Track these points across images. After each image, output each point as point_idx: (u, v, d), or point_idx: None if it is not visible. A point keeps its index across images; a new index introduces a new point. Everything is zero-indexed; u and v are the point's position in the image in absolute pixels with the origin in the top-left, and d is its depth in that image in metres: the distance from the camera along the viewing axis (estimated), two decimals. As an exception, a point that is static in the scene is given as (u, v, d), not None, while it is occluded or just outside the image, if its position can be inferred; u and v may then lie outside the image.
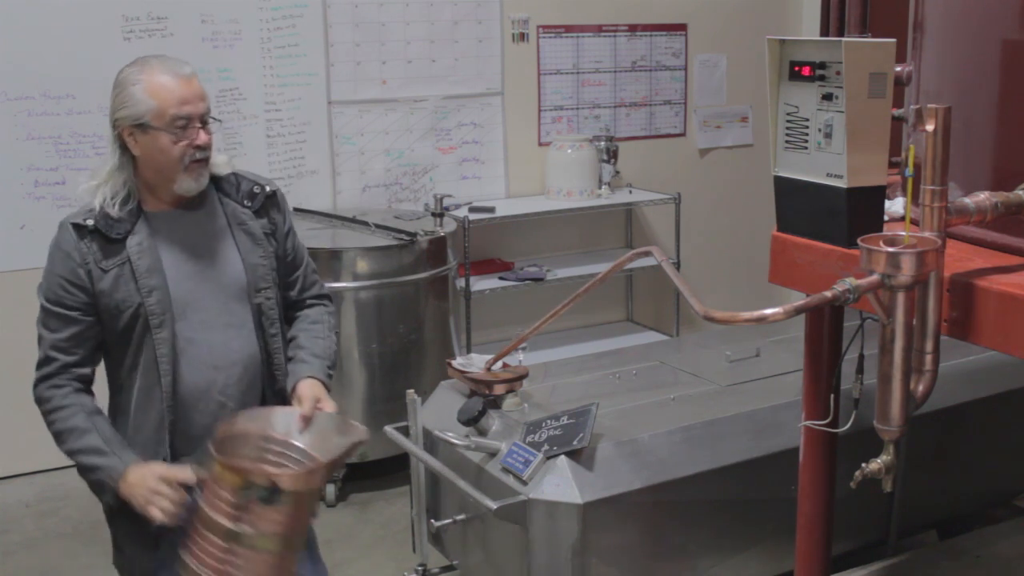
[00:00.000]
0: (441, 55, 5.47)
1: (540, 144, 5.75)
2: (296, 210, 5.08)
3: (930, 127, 2.04)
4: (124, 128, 2.37)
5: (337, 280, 4.45)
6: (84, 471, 2.41)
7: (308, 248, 4.43)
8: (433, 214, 4.82)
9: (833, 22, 3.10)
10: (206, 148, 2.44)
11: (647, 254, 2.67)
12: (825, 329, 2.70)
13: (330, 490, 4.46)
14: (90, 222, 2.39)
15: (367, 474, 4.62)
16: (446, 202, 4.92)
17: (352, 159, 5.32)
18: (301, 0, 5.11)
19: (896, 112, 2.45)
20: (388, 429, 3.53)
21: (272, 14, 5.05)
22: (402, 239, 4.55)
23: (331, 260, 4.47)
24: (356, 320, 4.49)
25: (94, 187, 2.42)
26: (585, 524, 2.92)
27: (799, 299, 2.11)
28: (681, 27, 6.05)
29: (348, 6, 5.21)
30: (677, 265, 5.82)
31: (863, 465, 2.15)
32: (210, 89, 4.88)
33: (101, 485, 2.39)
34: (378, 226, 4.71)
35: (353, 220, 4.86)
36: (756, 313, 1.95)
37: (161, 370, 2.42)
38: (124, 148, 2.40)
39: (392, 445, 3.59)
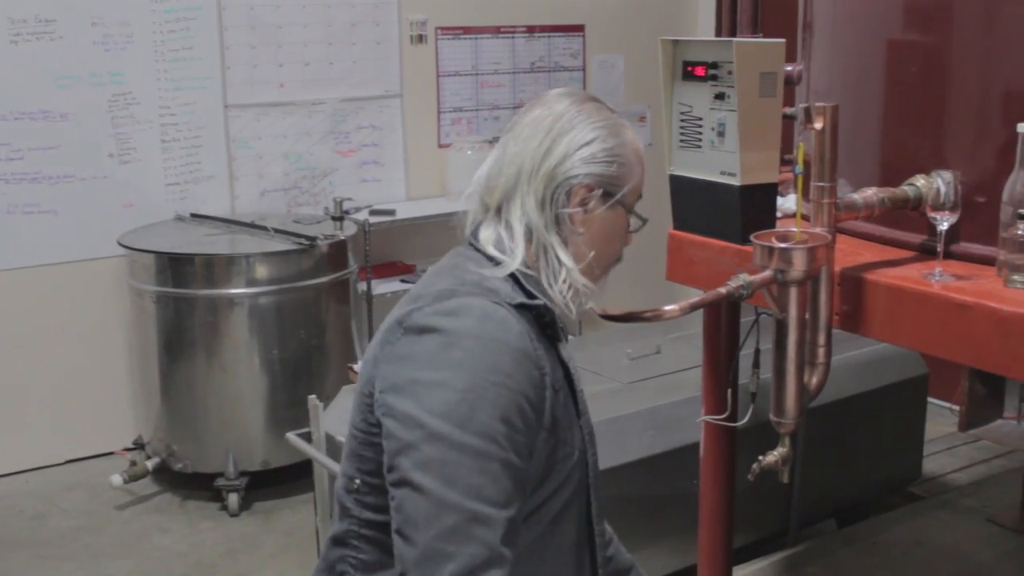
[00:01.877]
0: (339, 57, 5.42)
1: (440, 146, 5.74)
2: (193, 216, 5.01)
3: (819, 125, 2.09)
4: (581, 188, 1.65)
5: (236, 286, 4.39)
6: None
7: (206, 254, 4.42)
8: (333, 218, 4.78)
9: (726, 23, 3.15)
10: None
11: (546, 254, 2.67)
12: (722, 325, 2.75)
13: (233, 500, 4.39)
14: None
15: (270, 482, 4.57)
16: (346, 205, 4.88)
17: (250, 163, 5.26)
18: (195, 2, 5.03)
19: (787, 111, 2.49)
20: (290, 436, 3.50)
21: (165, 16, 4.96)
22: (302, 243, 4.50)
23: (229, 266, 4.40)
24: (256, 326, 4.43)
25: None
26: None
27: (698, 296, 2.14)
28: (579, 28, 6.10)
29: (243, 8, 5.14)
30: (579, 265, 5.85)
31: (760, 458, 2.18)
32: (102, 94, 4.87)
33: None
34: (277, 231, 4.65)
35: (252, 225, 4.80)
36: (653, 310, 1.96)
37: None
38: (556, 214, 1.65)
39: (295, 452, 3.56)
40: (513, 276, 1.62)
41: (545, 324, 1.62)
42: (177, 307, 4.42)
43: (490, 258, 1.64)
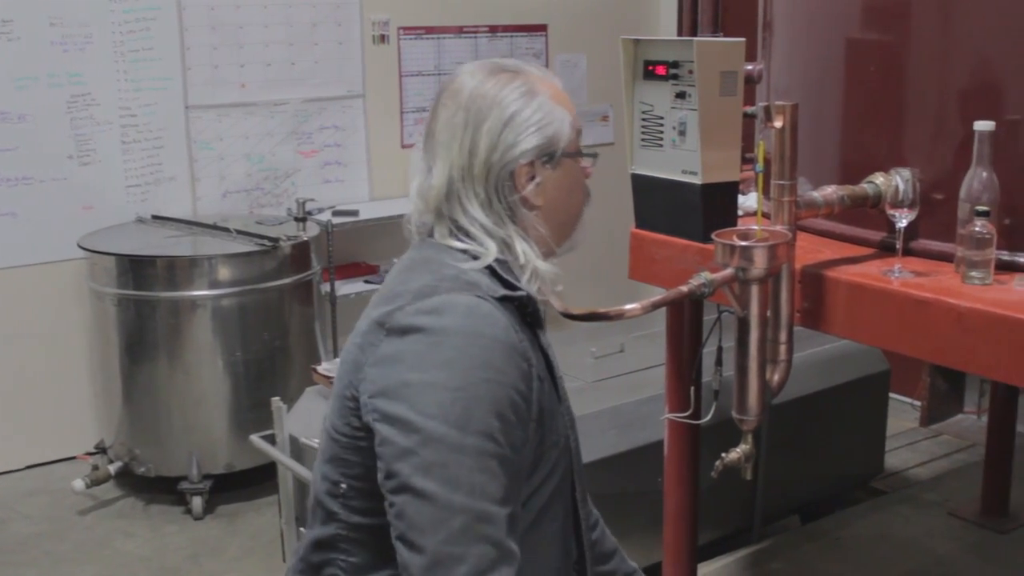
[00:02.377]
0: (301, 58, 5.40)
1: (403, 146, 5.73)
2: (154, 218, 4.97)
3: (778, 124, 2.10)
4: (522, 169, 1.60)
5: (198, 288, 4.36)
6: None
7: (167, 256, 4.39)
8: (296, 219, 4.76)
9: (687, 22, 3.16)
10: None
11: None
12: (685, 323, 2.76)
13: (196, 503, 4.36)
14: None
15: (234, 485, 4.54)
16: (309, 206, 4.86)
17: (211, 164, 5.22)
18: (154, 3, 4.99)
19: (748, 109, 2.51)
20: (254, 438, 3.48)
21: (124, 17, 4.92)
22: (264, 245, 4.48)
23: (191, 268, 4.37)
24: (219, 328, 4.40)
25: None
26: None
27: (660, 295, 2.15)
28: (541, 27, 6.10)
29: (204, 8, 5.10)
30: (543, 264, 5.86)
31: (723, 455, 2.20)
32: (61, 95, 4.83)
33: None
34: (239, 232, 4.63)
35: (214, 227, 4.76)
36: (615, 309, 1.97)
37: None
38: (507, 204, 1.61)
39: (259, 454, 3.54)
40: (490, 267, 1.58)
41: (527, 314, 1.60)
42: (139, 310, 4.38)
43: (462, 251, 1.60)
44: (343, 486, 1.58)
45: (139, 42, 4.97)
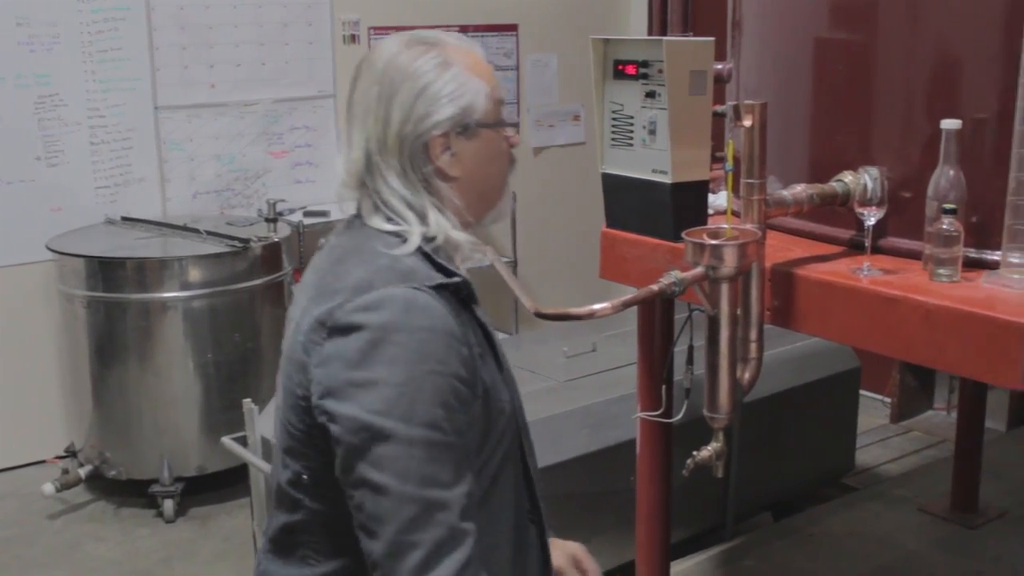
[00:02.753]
0: (271, 58, 5.38)
1: (375, 146, 5.71)
2: (124, 219, 4.94)
3: (747, 123, 2.11)
4: (435, 140, 1.61)
5: (168, 290, 4.34)
6: None
7: (137, 258, 4.36)
8: (266, 220, 4.74)
9: (657, 21, 3.17)
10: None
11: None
12: (656, 322, 2.76)
13: (168, 506, 4.34)
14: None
15: (206, 487, 4.52)
16: (280, 207, 4.84)
17: (181, 165, 5.19)
18: (123, 3, 4.96)
19: (718, 108, 2.52)
20: (226, 440, 3.46)
21: (92, 17, 4.88)
22: (235, 246, 4.46)
23: (161, 269, 4.35)
24: (190, 330, 4.38)
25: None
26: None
27: (631, 294, 2.15)
28: (512, 27, 6.11)
29: (173, 8, 5.07)
30: (515, 264, 5.87)
31: (694, 453, 2.20)
32: (28, 96, 4.79)
33: None
34: (210, 233, 4.60)
35: (184, 228, 4.74)
36: (585, 308, 1.97)
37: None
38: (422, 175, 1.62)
39: (230, 456, 3.53)
40: (421, 251, 1.59)
41: (463, 297, 1.62)
42: (108, 312, 4.35)
43: (390, 233, 1.61)
44: (305, 477, 1.62)
45: (107, 42, 4.93)
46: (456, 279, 1.60)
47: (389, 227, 1.61)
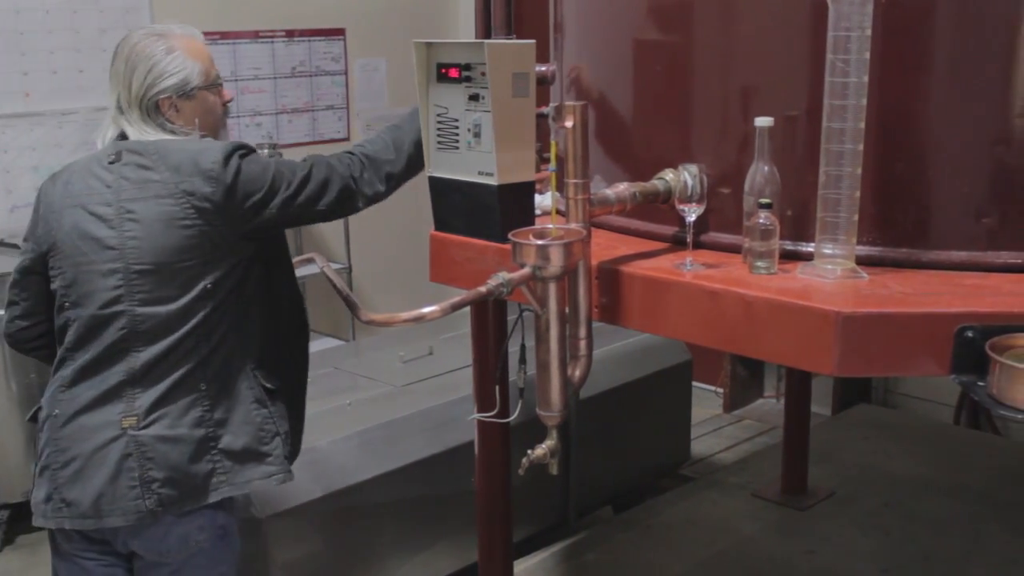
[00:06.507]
0: (89, 65, 5.19)
1: (201, 154, 5.57)
2: (-66, 236, 4.70)
3: (569, 123, 2.13)
4: (163, 101, 2.39)
5: (-15, 309, 4.15)
6: None
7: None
8: (90, 232, 4.57)
9: (480, 24, 3.18)
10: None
11: (310, 260, 2.65)
12: (489, 323, 2.78)
13: (-7, 534, 4.16)
14: None
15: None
16: (103, 219, 4.68)
17: (-4, 178, 4.97)
18: (-74, 9, 4.73)
19: (541, 110, 2.54)
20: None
21: None
22: (56, 261, 4.28)
23: (-23, 288, 4.15)
24: (10, 349, 4.18)
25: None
26: (267, 539, 2.86)
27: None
28: (339, 32, 6.04)
29: (-20, 15, 4.86)
30: (349, 270, 5.81)
31: (529, 452, 2.21)
32: None
33: None
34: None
35: (2, 243, 4.54)
36: (414, 313, 1.97)
37: None
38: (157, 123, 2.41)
39: (57, 479, 3.38)
40: None
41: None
42: (-80, 334, 4.13)
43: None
44: (200, 315, 2.34)
45: (-91, 51, 4.69)
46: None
47: (154, 130, 2.40)
